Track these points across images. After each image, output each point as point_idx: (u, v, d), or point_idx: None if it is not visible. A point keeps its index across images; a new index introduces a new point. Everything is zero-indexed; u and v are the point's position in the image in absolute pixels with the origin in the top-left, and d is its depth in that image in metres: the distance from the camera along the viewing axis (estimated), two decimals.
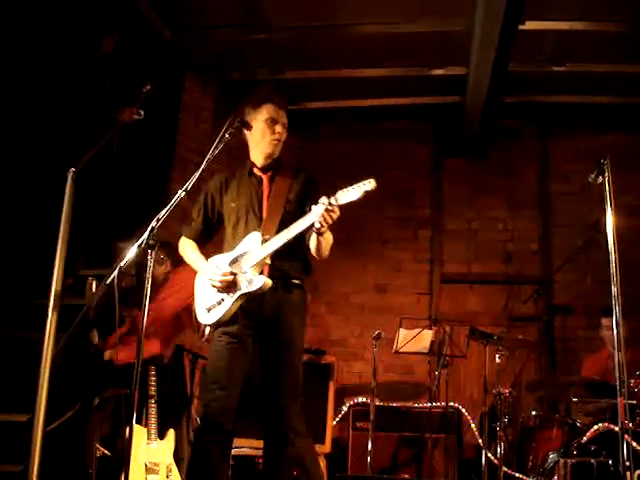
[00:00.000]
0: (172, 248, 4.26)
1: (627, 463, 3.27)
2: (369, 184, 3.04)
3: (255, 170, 3.62)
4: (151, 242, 2.93)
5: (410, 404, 6.08)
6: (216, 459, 3.34)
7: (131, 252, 3.01)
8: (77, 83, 5.26)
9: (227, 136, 3.26)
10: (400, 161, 7.75)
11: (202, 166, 3.20)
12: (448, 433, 5.78)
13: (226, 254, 3.51)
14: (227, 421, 3.34)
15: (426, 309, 7.25)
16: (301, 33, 6.15)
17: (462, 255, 7.53)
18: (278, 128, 3.58)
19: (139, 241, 2.98)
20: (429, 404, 5.93)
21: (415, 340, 5.86)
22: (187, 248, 3.69)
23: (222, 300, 3.40)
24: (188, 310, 4.50)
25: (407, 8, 5.80)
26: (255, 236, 3.39)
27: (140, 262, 3.07)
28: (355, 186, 3.06)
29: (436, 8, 5.75)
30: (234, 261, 3.43)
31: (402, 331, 5.99)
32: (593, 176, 3.55)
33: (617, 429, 3.34)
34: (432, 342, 6.04)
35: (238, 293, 3.35)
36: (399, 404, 6.07)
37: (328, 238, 3.36)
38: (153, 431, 4.42)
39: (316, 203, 3.15)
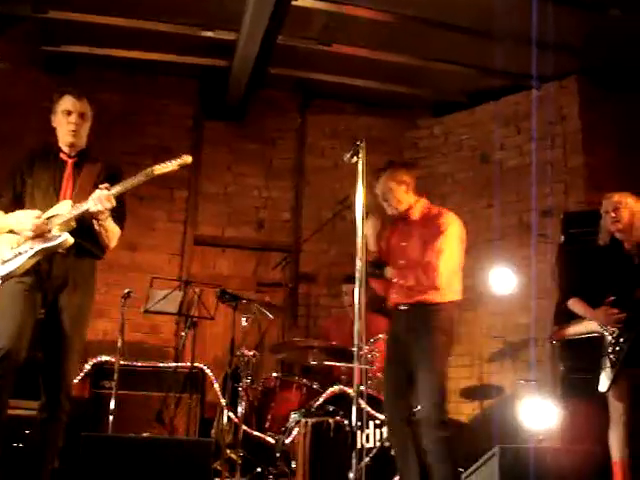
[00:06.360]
0: None
1: (359, 423, 3.62)
2: (186, 158, 3.77)
3: (61, 154, 3.75)
4: None
5: (155, 363, 6.07)
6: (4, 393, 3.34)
7: None
8: None
9: None
10: (161, 117, 7.58)
11: None
12: (191, 393, 5.88)
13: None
14: (17, 358, 3.35)
15: (177, 270, 7.24)
16: None
17: (216, 218, 7.58)
18: (72, 118, 3.70)
19: None
20: (174, 364, 5.97)
21: (165, 300, 5.85)
22: None
23: (19, 253, 3.47)
24: None
25: None
26: (66, 202, 3.56)
27: None
28: (173, 160, 3.70)
29: None
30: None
31: (152, 291, 5.96)
32: (348, 156, 3.78)
33: (351, 392, 3.63)
34: (181, 303, 6.07)
35: (38, 247, 3.45)
36: (144, 363, 6.04)
37: (109, 228, 3.62)
38: None
39: None
